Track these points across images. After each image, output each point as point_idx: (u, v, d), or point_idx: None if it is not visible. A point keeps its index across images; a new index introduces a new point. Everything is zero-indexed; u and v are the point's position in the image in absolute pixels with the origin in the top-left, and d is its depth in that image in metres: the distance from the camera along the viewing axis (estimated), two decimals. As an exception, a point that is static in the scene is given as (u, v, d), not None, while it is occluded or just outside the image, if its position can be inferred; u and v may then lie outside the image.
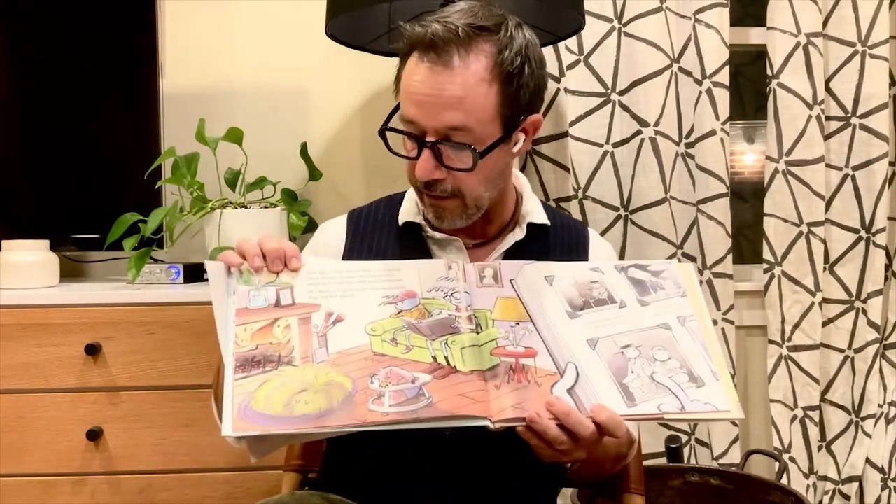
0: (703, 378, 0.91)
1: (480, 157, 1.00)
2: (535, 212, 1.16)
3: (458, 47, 0.98)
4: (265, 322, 0.91)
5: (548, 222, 1.16)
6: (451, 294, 0.97)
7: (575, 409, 0.86)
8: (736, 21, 2.02)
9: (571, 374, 0.90)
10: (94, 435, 1.52)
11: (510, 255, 1.12)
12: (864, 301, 2.03)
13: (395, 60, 1.07)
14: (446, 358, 0.89)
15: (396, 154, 1.07)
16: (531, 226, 1.14)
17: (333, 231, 1.20)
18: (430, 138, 1.01)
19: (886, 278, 2.05)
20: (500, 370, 0.89)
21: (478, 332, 0.93)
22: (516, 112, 1.03)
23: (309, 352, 0.89)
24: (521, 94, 1.02)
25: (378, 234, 1.17)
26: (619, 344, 0.94)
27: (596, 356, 0.92)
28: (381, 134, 1.06)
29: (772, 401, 2.03)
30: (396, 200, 1.19)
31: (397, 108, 1.06)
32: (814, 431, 2.03)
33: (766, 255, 2.02)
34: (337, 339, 0.90)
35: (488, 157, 1.02)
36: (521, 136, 1.07)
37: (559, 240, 1.17)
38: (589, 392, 0.88)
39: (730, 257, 1.97)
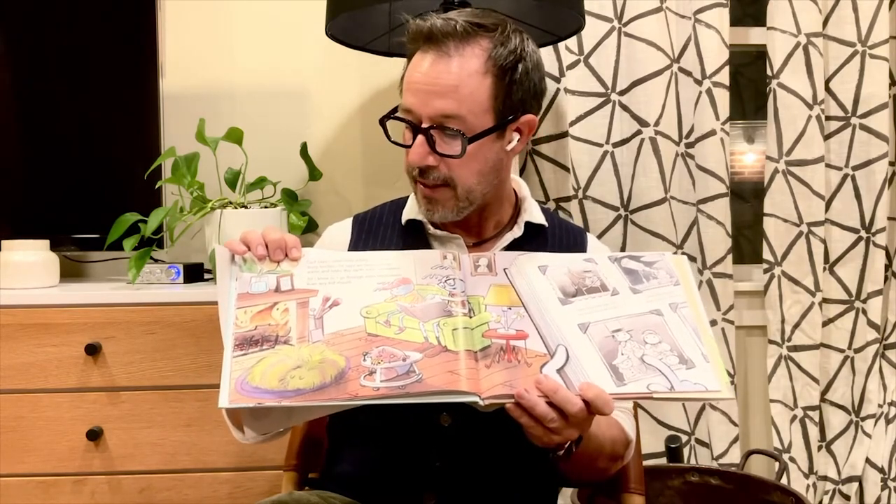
0: (694, 360, 0.92)
1: (469, 143, 1.03)
2: (533, 213, 1.17)
3: (456, 40, 1.03)
4: (265, 305, 0.95)
5: (545, 223, 1.18)
6: (445, 281, 0.99)
7: (563, 387, 0.87)
8: (736, 21, 2.02)
9: (561, 355, 0.91)
10: (94, 435, 1.52)
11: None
12: (864, 301, 2.03)
13: (395, 60, 1.09)
14: (437, 338, 0.92)
15: (394, 143, 1.10)
16: (529, 225, 1.16)
17: (338, 232, 1.22)
18: (424, 125, 1.04)
19: (886, 278, 2.05)
20: (490, 351, 0.91)
21: (470, 317, 0.95)
22: (508, 107, 1.06)
23: (305, 332, 0.92)
24: (514, 90, 1.06)
25: (382, 233, 1.19)
26: (609, 328, 0.95)
27: (586, 339, 0.93)
28: (382, 123, 1.10)
29: (772, 401, 2.03)
30: (400, 202, 1.22)
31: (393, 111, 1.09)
32: (814, 431, 2.03)
33: (766, 255, 2.02)
34: (332, 321, 0.93)
35: (479, 149, 1.05)
36: (515, 136, 1.10)
37: (557, 240, 1.18)
38: (578, 372, 0.90)
39: (730, 257, 1.97)
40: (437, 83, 1.03)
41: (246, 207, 1.71)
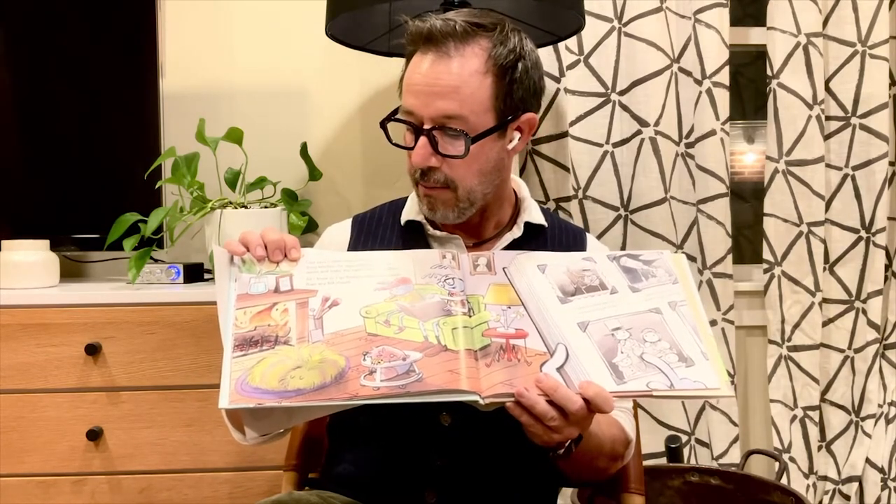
0: (693, 358, 0.92)
1: (472, 143, 1.03)
2: (533, 213, 1.17)
3: (455, 41, 1.03)
4: (264, 306, 0.95)
5: (545, 223, 1.18)
6: (445, 280, 0.99)
7: (563, 385, 0.87)
8: (736, 21, 2.02)
9: (561, 353, 0.91)
10: (94, 435, 1.52)
11: None
12: (864, 301, 2.03)
13: (395, 60, 1.09)
14: (437, 337, 0.92)
15: (396, 145, 1.10)
16: (528, 225, 1.16)
17: (338, 232, 1.22)
18: (426, 126, 1.04)
19: (886, 278, 2.05)
20: (490, 349, 0.91)
21: (470, 316, 0.95)
22: (510, 106, 1.06)
23: (305, 332, 0.92)
24: (515, 88, 1.06)
25: (381, 233, 1.19)
26: (609, 327, 0.95)
27: (586, 338, 0.94)
28: (383, 126, 1.09)
29: (772, 401, 2.03)
30: (400, 203, 1.22)
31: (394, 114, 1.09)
32: (814, 431, 2.03)
33: (766, 255, 2.02)
34: (332, 322, 0.93)
35: (481, 148, 1.05)
36: (516, 135, 1.10)
37: (556, 241, 1.18)
38: (578, 370, 0.90)
39: (730, 257, 1.97)
40: (438, 84, 1.03)
41: (246, 207, 1.71)
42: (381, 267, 1.01)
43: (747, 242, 3.38)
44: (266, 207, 1.74)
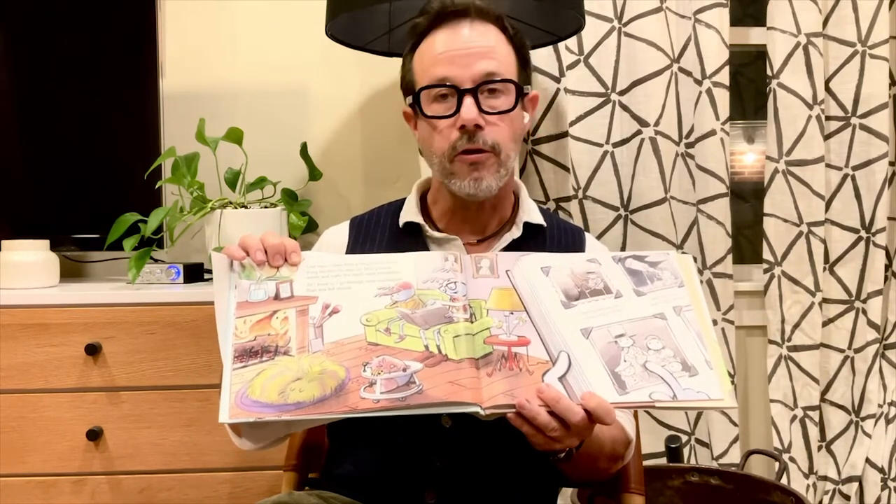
0: (697, 367, 0.91)
1: (518, 95, 1.09)
2: (532, 214, 1.18)
3: (476, 14, 1.10)
4: (264, 314, 0.94)
5: (543, 223, 1.18)
6: (446, 284, 0.98)
7: (565, 396, 0.87)
8: (736, 21, 2.02)
9: (563, 362, 0.91)
10: (94, 435, 1.52)
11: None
12: (864, 301, 2.03)
13: (395, 60, 1.09)
14: (438, 346, 0.91)
15: (433, 117, 1.10)
16: (528, 225, 1.16)
17: (336, 235, 1.22)
18: (467, 86, 1.07)
19: (886, 278, 2.05)
20: (492, 358, 0.90)
21: (472, 322, 0.94)
22: (525, 77, 1.13)
23: (305, 342, 0.91)
24: (527, 61, 1.14)
25: (379, 236, 1.19)
26: (612, 333, 0.94)
27: (589, 345, 0.93)
28: (416, 98, 1.11)
29: (772, 401, 2.03)
30: (397, 205, 1.22)
31: (416, 96, 1.11)
32: (814, 431, 2.03)
33: (766, 255, 2.02)
34: (332, 330, 0.93)
35: (517, 111, 1.10)
36: (526, 114, 1.15)
37: (555, 241, 1.18)
38: (580, 380, 0.89)
39: (730, 257, 1.97)
40: (474, 46, 1.08)
41: (246, 207, 1.71)
42: (383, 271, 1.00)
43: (747, 242, 3.38)
44: (266, 207, 1.75)
